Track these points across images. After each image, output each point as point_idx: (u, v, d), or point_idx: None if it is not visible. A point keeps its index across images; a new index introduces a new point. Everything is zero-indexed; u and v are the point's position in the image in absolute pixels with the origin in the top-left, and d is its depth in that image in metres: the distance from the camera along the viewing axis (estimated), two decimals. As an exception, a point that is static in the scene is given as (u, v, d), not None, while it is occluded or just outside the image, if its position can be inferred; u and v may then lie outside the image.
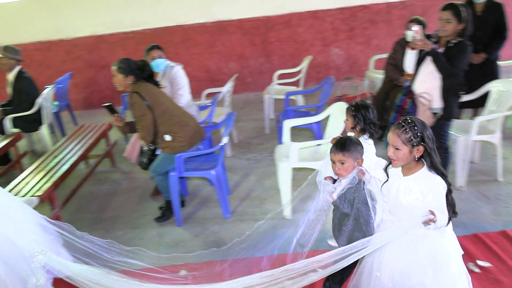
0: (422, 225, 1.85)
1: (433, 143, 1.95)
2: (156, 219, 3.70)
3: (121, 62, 3.42)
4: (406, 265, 2.07)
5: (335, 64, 7.16)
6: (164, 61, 4.15)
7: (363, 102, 2.70)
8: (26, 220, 2.63)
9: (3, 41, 6.76)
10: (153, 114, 3.39)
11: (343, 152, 2.16)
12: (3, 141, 4.64)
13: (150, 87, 3.46)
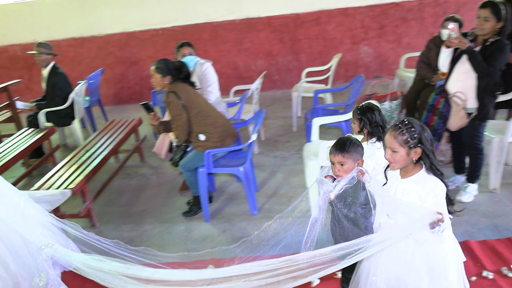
0: (428, 227, 1.79)
1: (431, 145, 1.89)
2: (184, 213, 3.75)
3: (159, 62, 3.48)
4: (402, 271, 2.01)
5: (364, 62, 7.06)
6: (194, 58, 4.18)
7: (369, 104, 2.63)
8: (34, 214, 2.68)
9: (38, 38, 6.98)
10: (188, 114, 3.43)
11: (342, 154, 2.11)
12: (37, 134, 4.78)
13: (186, 88, 3.50)
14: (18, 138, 4.74)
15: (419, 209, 1.85)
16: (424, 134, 1.88)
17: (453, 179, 3.65)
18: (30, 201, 2.75)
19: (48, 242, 2.38)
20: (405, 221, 1.92)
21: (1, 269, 2.49)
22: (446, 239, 1.96)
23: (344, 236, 2.21)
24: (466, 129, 3.32)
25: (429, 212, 1.80)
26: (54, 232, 2.69)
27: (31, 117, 5.17)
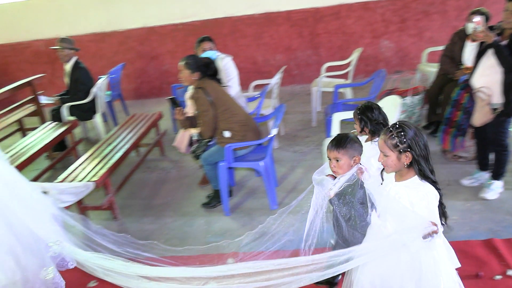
0: (421, 238, 1.76)
1: (423, 150, 1.84)
2: (203, 204, 3.79)
3: (188, 58, 3.50)
4: (386, 272, 1.98)
5: (385, 57, 6.97)
6: (214, 53, 4.19)
7: (368, 103, 2.62)
8: (44, 209, 2.72)
9: (60, 33, 7.09)
10: (215, 111, 3.45)
11: (338, 150, 2.12)
12: (61, 128, 4.87)
13: (214, 85, 3.52)
14: (42, 131, 4.84)
15: (412, 216, 1.82)
16: (415, 139, 1.84)
17: (477, 176, 3.59)
18: (41, 195, 2.81)
19: (56, 240, 2.44)
20: (396, 227, 1.88)
21: (12, 261, 2.53)
22: (436, 246, 1.91)
23: (341, 235, 2.20)
24: (491, 125, 3.25)
25: (423, 222, 1.76)
26: (63, 227, 2.75)
27: (55, 111, 5.27)
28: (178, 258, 2.58)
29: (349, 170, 2.12)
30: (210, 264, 2.44)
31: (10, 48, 7.51)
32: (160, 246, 2.60)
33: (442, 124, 3.96)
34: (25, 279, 2.57)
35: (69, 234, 2.73)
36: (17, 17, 7.30)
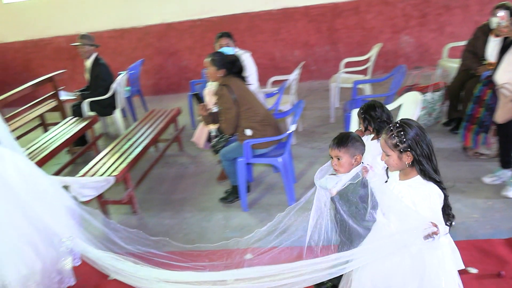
0: (422, 238, 1.73)
1: (425, 150, 1.81)
2: (221, 199, 3.81)
3: (214, 55, 3.53)
4: (388, 271, 1.95)
5: (405, 52, 6.88)
6: (232, 49, 4.19)
7: (371, 102, 2.61)
8: (60, 204, 2.77)
9: (81, 30, 7.19)
10: (237, 109, 3.45)
11: (339, 148, 2.13)
12: (81, 123, 4.95)
13: (239, 83, 3.53)
14: (64, 126, 4.93)
15: (414, 216, 1.79)
16: (416, 138, 1.81)
17: (499, 174, 3.52)
18: (58, 189, 2.85)
19: (70, 235, 2.48)
20: (398, 227, 1.86)
21: (31, 251, 2.57)
22: (441, 246, 1.88)
23: (344, 232, 2.19)
24: (515, 122, 3.19)
25: (424, 223, 1.74)
26: (77, 222, 2.80)
27: (75, 106, 5.35)
28: (189, 255, 2.58)
29: (350, 168, 2.14)
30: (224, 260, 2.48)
31: (32, 44, 7.66)
32: (171, 243, 2.65)
33: (464, 121, 3.90)
34: (44, 269, 2.63)
35: (85, 231, 2.80)
36: (39, 14, 7.42)
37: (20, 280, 2.50)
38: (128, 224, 3.66)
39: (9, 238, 2.49)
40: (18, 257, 2.52)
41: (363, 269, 2.01)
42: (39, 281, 2.59)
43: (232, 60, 3.56)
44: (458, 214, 3.15)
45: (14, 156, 2.64)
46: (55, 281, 2.72)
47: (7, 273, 2.46)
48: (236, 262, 2.47)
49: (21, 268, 2.52)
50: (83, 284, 2.89)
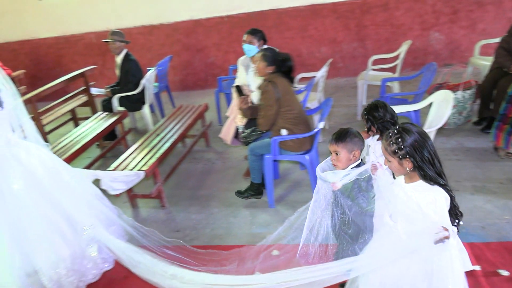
0: (433, 243, 1.71)
1: (426, 156, 1.77)
2: (237, 192, 3.84)
3: (267, 50, 3.52)
4: (398, 274, 1.92)
5: (434, 50, 6.76)
6: (254, 48, 4.14)
7: (374, 102, 2.59)
8: (81, 195, 2.88)
9: (110, 26, 7.33)
10: (278, 108, 3.44)
11: (337, 143, 2.19)
12: (111, 118, 5.06)
13: (285, 83, 3.50)
14: (94, 121, 5.04)
15: (421, 219, 1.77)
16: (414, 145, 1.77)
17: (532, 175, 3.45)
18: (79, 181, 2.96)
19: (91, 224, 2.60)
20: (406, 229, 1.84)
21: (59, 238, 2.70)
22: (448, 247, 1.83)
23: (344, 227, 2.20)
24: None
25: (435, 227, 1.71)
26: (99, 211, 2.91)
27: (106, 101, 5.47)
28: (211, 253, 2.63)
29: (348, 164, 2.18)
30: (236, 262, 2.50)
31: (64, 40, 7.85)
32: (186, 246, 2.70)
33: (496, 120, 3.81)
34: (74, 256, 2.74)
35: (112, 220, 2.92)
36: (71, 10, 7.60)
37: (50, 266, 2.62)
38: (157, 218, 3.78)
39: (38, 225, 2.61)
40: (47, 244, 2.64)
41: (372, 272, 2.00)
42: (69, 267, 2.70)
43: (284, 58, 3.53)
44: (489, 215, 3.13)
45: (39, 150, 2.80)
46: (89, 267, 2.82)
47: (37, 259, 2.58)
48: (247, 268, 2.48)
49: (50, 254, 2.64)
50: (112, 274, 2.97)
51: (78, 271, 2.76)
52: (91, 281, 2.83)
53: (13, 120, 2.74)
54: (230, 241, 3.29)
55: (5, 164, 2.60)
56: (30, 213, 2.60)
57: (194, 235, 3.45)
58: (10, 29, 7.96)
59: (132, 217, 3.79)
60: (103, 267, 2.89)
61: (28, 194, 2.61)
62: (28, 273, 2.61)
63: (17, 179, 2.60)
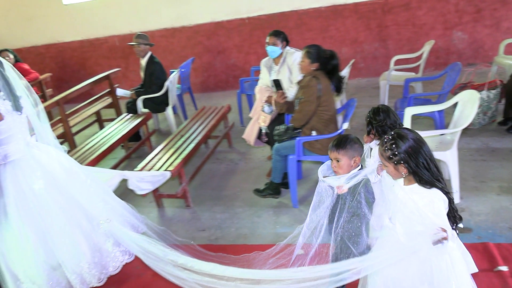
0: (431, 244, 1.73)
1: (421, 162, 1.79)
2: (255, 190, 3.89)
3: (311, 47, 3.51)
4: (398, 274, 1.95)
5: (457, 49, 6.68)
6: (278, 49, 4.19)
7: (378, 106, 2.60)
8: (97, 191, 3.05)
9: (134, 29, 7.48)
10: (317, 107, 3.44)
11: (338, 150, 2.21)
12: (136, 119, 5.16)
13: (327, 82, 3.48)
14: (120, 123, 5.16)
15: (419, 221, 1.80)
16: (409, 151, 1.80)
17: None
18: (95, 179, 3.11)
19: (107, 218, 2.68)
20: (405, 231, 1.87)
21: (79, 233, 2.86)
22: (449, 250, 1.85)
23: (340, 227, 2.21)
24: None
25: (433, 228, 1.74)
26: (113, 207, 3.07)
27: (130, 103, 5.58)
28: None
29: (349, 170, 2.21)
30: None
31: (88, 43, 8.03)
32: (195, 247, 2.71)
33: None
34: (94, 249, 2.90)
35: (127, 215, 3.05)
36: (96, 14, 7.76)
37: (72, 259, 2.78)
38: (182, 217, 3.85)
39: (58, 221, 2.77)
40: (68, 238, 2.80)
41: (376, 272, 2.03)
42: (90, 260, 2.86)
43: (330, 55, 3.50)
44: (517, 216, 3.10)
45: (57, 152, 2.99)
46: (108, 260, 2.96)
47: (60, 253, 2.74)
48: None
49: (71, 248, 2.80)
50: (133, 266, 3.07)
51: (99, 264, 2.91)
52: (112, 273, 2.98)
53: (31, 124, 2.91)
54: (255, 241, 3.33)
55: (26, 165, 2.77)
56: (51, 211, 2.76)
57: (219, 234, 3.51)
58: (37, 34, 8.18)
59: (157, 217, 3.94)
60: (123, 260, 3.03)
61: (48, 193, 2.77)
62: (53, 266, 2.78)
63: (37, 179, 2.76)
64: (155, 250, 2.42)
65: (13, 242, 2.70)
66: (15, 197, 2.70)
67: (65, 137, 5.22)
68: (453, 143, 3.23)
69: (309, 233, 2.29)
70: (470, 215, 3.21)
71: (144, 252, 2.45)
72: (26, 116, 2.85)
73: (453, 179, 3.32)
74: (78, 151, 4.43)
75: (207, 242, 3.42)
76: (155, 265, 2.43)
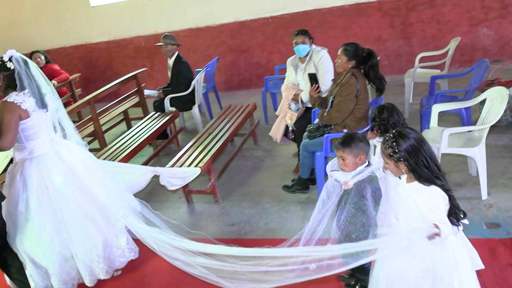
0: (425, 239, 1.79)
1: (422, 160, 1.83)
2: (284, 186, 3.96)
3: (348, 45, 3.57)
4: (402, 269, 1.99)
5: (483, 46, 6.61)
6: (308, 47, 4.26)
7: (383, 104, 2.69)
8: (114, 188, 3.19)
9: (159, 30, 7.63)
10: (354, 105, 3.49)
11: (343, 149, 2.28)
12: (164, 118, 5.29)
13: (364, 81, 3.53)
14: (148, 121, 5.30)
15: (418, 217, 1.85)
16: (409, 150, 1.84)
17: None
18: (112, 176, 3.26)
19: (124, 214, 2.89)
20: (405, 229, 1.92)
21: (93, 227, 3.02)
22: (452, 246, 1.90)
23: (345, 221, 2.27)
24: None
25: (426, 224, 1.79)
26: (128, 205, 3.19)
27: (157, 102, 5.71)
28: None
29: (355, 167, 2.27)
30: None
31: (115, 44, 8.21)
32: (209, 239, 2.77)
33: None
34: (106, 244, 3.06)
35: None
36: (122, 15, 7.94)
37: (84, 252, 2.95)
38: (211, 212, 3.95)
39: (75, 215, 2.94)
40: (83, 232, 2.97)
41: (380, 267, 2.09)
42: (101, 254, 3.02)
43: (368, 53, 3.53)
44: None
45: (78, 148, 3.15)
46: (117, 255, 3.13)
47: (74, 245, 2.91)
48: None
49: (85, 241, 2.96)
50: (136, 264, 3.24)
51: (108, 259, 3.08)
52: (118, 267, 3.16)
53: (55, 121, 3.08)
54: (283, 235, 3.40)
55: (49, 160, 2.93)
56: (68, 205, 2.93)
57: (248, 228, 3.59)
58: (65, 35, 8.41)
59: (187, 212, 4.05)
60: (129, 256, 3.20)
61: (66, 187, 2.94)
62: (66, 258, 2.97)
63: (58, 174, 2.93)
64: (168, 240, 2.56)
65: (32, 232, 2.88)
66: (37, 190, 2.87)
67: (95, 135, 5.40)
68: (482, 139, 3.25)
69: (314, 227, 2.37)
70: (498, 211, 3.22)
71: (159, 243, 2.59)
72: (51, 114, 3.00)
73: (481, 176, 3.33)
74: (110, 149, 4.58)
75: (236, 236, 3.51)
76: (168, 252, 2.56)
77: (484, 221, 3.13)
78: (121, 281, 3.18)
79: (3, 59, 2.81)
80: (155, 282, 3.10)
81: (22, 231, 2.88)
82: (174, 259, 2.53)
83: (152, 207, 4.09)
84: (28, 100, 2.80)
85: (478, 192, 3.41)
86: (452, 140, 3.38)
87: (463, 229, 2.64)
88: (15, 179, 2.92)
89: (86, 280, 2.99)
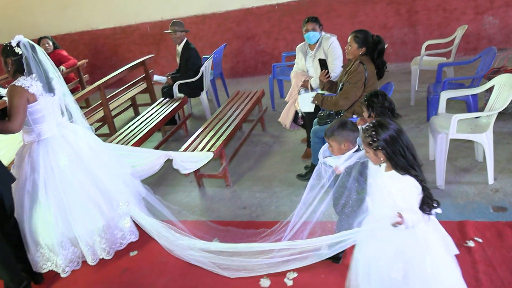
0: (390, 226, 1.90)
1: (399, 150, 1.92)
2: (298, 175, 4.03)
3: (359, 32, 3.61)
4: (376, 253, 2.11)
5: (488, 34, 6.66)
6: (318, 34, 4.31)
7: (375, 90, 2.81)
8: (118, 174, 3.31)
9: (165, 16, 7.65)
10: (361, 92, 3.54)
11: (328, 138, 2.49)
12: (173, 104, 5.35)
13: (373, 68, 3.57)
14: (157, 107, 5.36)
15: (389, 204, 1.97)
16: (387, 139, 1.93)
17: None
18: (118, 160, 3.37)
19: (126, 200, 3.00)
20: (378, 214, 2.04)
21: (96, 210, 3.13)
22: (422, 233, 2.00)
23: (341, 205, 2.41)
24: None
25: (392, 212, 1.90)
26: (132, 190, 3.33)
27: (166, 88, 5.76)
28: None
29: (342, 153, 2.41)
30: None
31: (121, 30, 8.23)
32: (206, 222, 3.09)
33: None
34: (108, 226, 3.19)
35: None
36: (128, 2, 7.95)
37: (87, 233, 3.08)
38: (223, 196, 4.04)
39: (79, 198, 3.06)
40: (86, 214, 3.08)
41: (359, 250, 2.23)
42: (102, 235, 3.15)
43: (377, 41, 3.57)
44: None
45: (84, 132, 3.25)
46: (118, 236, 3.27)
47: (77, 226, 3.03)
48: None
49: (87, 223, 3.08)
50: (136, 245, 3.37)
51: (109, 240, 3.21)
52: (118, 249, 3.28)
53: (62, 105, 3.17)
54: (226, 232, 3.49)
55: (55, 143, 3.04)
56: (73, 187, 3.04)
57: (259, 212, 3.68)
58: (71, 21, 8.43)
59: (199, 195, 4.14)
60: (130, 238, 3.33)
61: (71, 169, 3.06)
62: (69, 238, 3.08)
63: (63, 156, 3.04)
64: (167, 234, 2.70)
65: (37, 212, 3.00)
66: (44, 172, 2.99)
67: (105, 120, 5.47)
68: (489, 125, 3.32)
69: (304, 210, 2.52)
70: (505, 196, 3.31)
71: (158, 235, 2.74)
72: (58, 98, 3.09)
73: (489, 161, 3.41)
74: (121, 134, 4.65)
75: (248, 219, 3.60)
76: (166, 244, 2.73)
77: (491, 205, 3.22)
78: (137, 261, 3.28)
79: (12, 44, 2.88)
80: (172, 261, 3.17)
81: (28, 211, 3.01)
82: (171, 250, 2.72)
83: (164, 190, 4.24)
84: (35, 84, 2.88)
85: (485, 177, 3.50)
86: (460, 126, 3.45)
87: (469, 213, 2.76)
88: (24, 161, 3.04)
89: (89, 259, 3.13)
